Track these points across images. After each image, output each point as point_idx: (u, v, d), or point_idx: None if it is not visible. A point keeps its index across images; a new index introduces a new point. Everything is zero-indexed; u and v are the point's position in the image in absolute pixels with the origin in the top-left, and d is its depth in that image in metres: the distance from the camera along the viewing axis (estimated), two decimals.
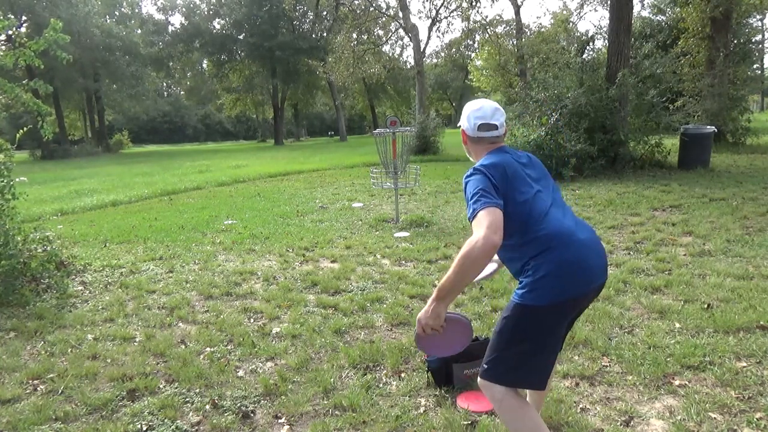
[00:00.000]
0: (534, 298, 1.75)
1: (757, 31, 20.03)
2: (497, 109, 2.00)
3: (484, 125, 1.97)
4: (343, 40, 22.20)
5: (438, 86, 56.22)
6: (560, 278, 1.74)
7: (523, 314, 1.78)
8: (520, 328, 1.78)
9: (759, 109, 41.02)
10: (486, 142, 2.00)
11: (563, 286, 1.75)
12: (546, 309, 1.75)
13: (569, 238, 1.79)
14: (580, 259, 1.78)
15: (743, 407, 2.40)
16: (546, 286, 1.74)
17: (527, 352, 1.79)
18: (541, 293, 1.74)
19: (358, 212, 7.91)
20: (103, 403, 2.71)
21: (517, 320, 1.79)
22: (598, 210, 6.96)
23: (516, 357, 1.80)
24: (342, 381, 2.87)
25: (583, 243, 1.81)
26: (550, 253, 1.76)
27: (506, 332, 1.81)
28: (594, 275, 1.81)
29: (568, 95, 10.14)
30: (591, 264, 1.81)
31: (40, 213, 9.06)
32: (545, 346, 1.81)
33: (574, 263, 1.76)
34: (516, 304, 1.79)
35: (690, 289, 3.86)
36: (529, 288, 1.76)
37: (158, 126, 63.93)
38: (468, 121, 2.00)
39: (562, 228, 1.81)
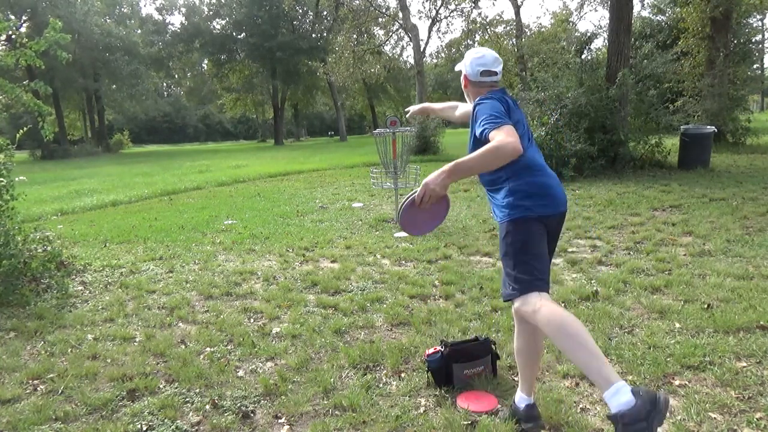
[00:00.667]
0: (520, 212, 2.08)
1: (757, 31, 20.03)
2: (497, 59, 2.26)
3: (486, 72, 2.23)
4: (343, 40, 22.22)
5: (438, 86, 56.21)
6: (536, 197, 2.09)
7: (515, 226, 2.09)
8: (519, 236, 2.08)
9: (759, 109, 41.00)
10: (486, 85, 2.25)
11: (540, 202, 2.09)
12: (530, 219, 2.08)
13: (542, 170, 2.15)
14: (550, 186, 2.13)
15: (743, 407, 2.40)
16: (526, 202, 2.07)
17: (532, 255, 2.07)
18: (524, 207, 2.07)
19: (358, 212, 7.91)
20: (103, 403, 2.71)
21: (514, 233, 2.09)
22: (598, 210, 6.96)
23: (529, 263, 2.06)
24: (342, 381, 2.87)
25: (551, 175, 2.17)
26: (528, 177, 2.10)
27: (512, 246, 2.10)
28: (561, 200, 2.15)
29: (568, 95, 10.14)
30: (558, 192, 2.16)
31: (40, 213, 9.06)
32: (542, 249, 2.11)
33: (546, 187, 2.12)
34: (508, 222, 2.11)
35: (690, 289, 3.86)
36: (513, 206, 2.09)
37: (159, 126, 63.95)
38: (471, 66, 2.25)
39: (538, 161, 2.17)
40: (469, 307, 3.77)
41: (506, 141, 1.86)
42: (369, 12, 22.78)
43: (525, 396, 2.32)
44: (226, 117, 59.79)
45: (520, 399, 2.34)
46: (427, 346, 3.06)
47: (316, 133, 66.26)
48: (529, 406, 2.30)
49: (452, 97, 60.58)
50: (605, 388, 1.77)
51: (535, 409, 2.31)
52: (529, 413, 2.29)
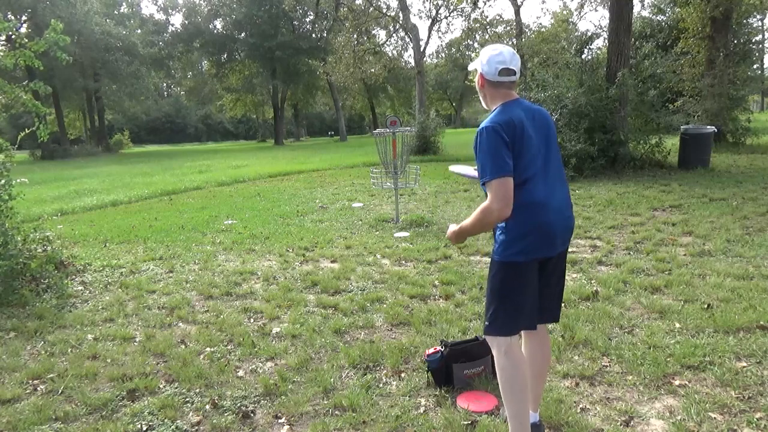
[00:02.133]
0: (509, 255, 2.02)
1: (757, 31, 20.06)
2: (514, 55, 2.07)
3: (504, 70, 2.03)
4: (343, 40, 22.21)
5: (438, 86, 56.22)
6: (529, 239, 2.00)
7: (502, 269, 2.05)
8: (505, 280, 2.05)
9: (759, 109, 41.00)
10: (504, 87, 2.06)
11: (532, 246, 2.01)
12: (520, 264, 2.02)
13: (543, 208, 2.01)
14: (549, 224, 2.01)
15: (743, 407, 2.40)
16: (517, 245, 2.00)
17: (515, 300, 2.05)
18: (515, 251, 2.01)
19: (358, 212, 7.91)
20: (103, 403, 2.71)
21: (498, 274, 2.06)
22: (598, 210, 6.96)
23: (509, 307, 2.05)
24: (342, 381, 2.86)
25: (553, 209, 2.03)
26: (527, 215, 1.98)
27: (495, 287, 2.08)
28: (558, 240, 2.07)
29: (568, 95, 10.14)
30: (556, 230, 2.04)
31: (40, 213, 9.06)
32: (528, 293, 2.07)
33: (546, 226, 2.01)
34: (495, 261, 2.07)
35: (690, 289, 3.86)
36: (505, 246, 2.03)
37: (159, 126, 63.95)
38: (489, 65, 2.04)
39: (538, 197, 2.00)
40: (469, 307, 3.77)
41: (490, 210, 1.91)
42: (369, 12, 22.78)
43: (531, 412, 2.27)
44: (227, 117, 59.74)
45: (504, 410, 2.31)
46: (427, 346, 3.06)
47: (316, 133, 66.25)
48: (536, 425, 2.25)
49: (452, 97, 60.59)
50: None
51: (541, 428, 2.27)
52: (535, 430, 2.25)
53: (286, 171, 14.90)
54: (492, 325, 2.10)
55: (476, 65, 2.09)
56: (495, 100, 2.07)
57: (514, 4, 23.98)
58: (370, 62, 23.00)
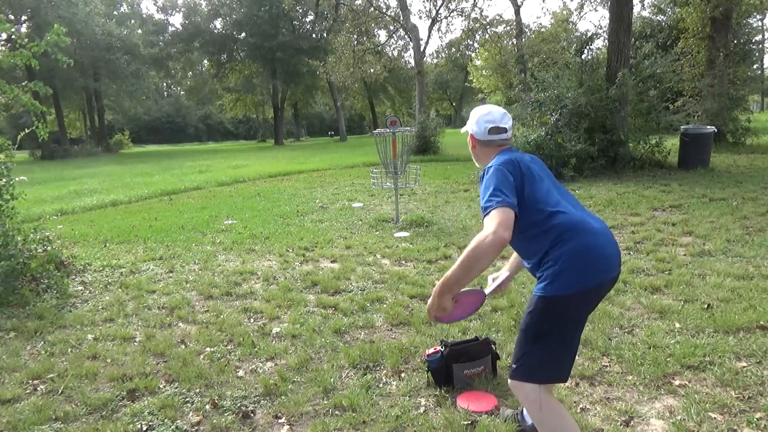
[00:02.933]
0: (557, 288, 1.77)
1: (757, 31, 20.05)
2: (505, 114, 2.07)
3: (494, 129, 2.04)
4: (343, 40, 22.21)
5: (438, 86, 56.24)
6: (581, 266, 1.77)
7: (547, 306, 1.80)
8: (547, 320, 1.80)
9: (759, 109, 41.00)
10: (495, 145, 2.06)
11: (585, 274, 1.77)
12: (569, 298, 1.77)
13: (584, 227, 1.82)
14: (598, 246, 1.81)
15: (743, 407, 2.40)
16: (568, 275, 1.76)
17: (555, 344, 1.82)
18: (564, 282, 1.76)
19: (358, 212, 7.91)
20: (103, 403, 2.71)
21: (542, 313, 1.81)
22: (598, 210, 6.96)
23: (546, 351, 1.82)
24: (342, 381, 2.87)
25: (598, 232, 1.84)
26: (569, 243, 1.78)
27: (533, 327, 1.83)
28: (612, 263, 1.84)
29: (568, 95, 10.14)
30: (608, 252, 1.83)
31: (40, 213, 9.06)
32: (572, 336, 1.85)
33: (593, 251, 1.79)
34: (539, 297, 1.81)
35: (690, 289, 3.86)
36: (551, 279, 1.78)
37: (160, 126, 63.94)
38: (478, 125, 2.06)
39: (576, 218, 1.84)
40: None
41: (483, 237, 1.68)
42: (369, 12, 22.78)
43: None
44: (227, 117, 59.74)
45: (527, 416, 2.30)
46: (427, 346, 3.06)
47: (316, 133, 66.24)
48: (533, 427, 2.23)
49: (452, 97, 60.65)
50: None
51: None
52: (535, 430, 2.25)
53: (286, 171, 14.91)
54: (524, 370, 1.85)
55: (467, 127, 2.11)
56: (488, 157, 2.03)
57: (514, 4, 24.00)
58: (370, 62, 23.01)
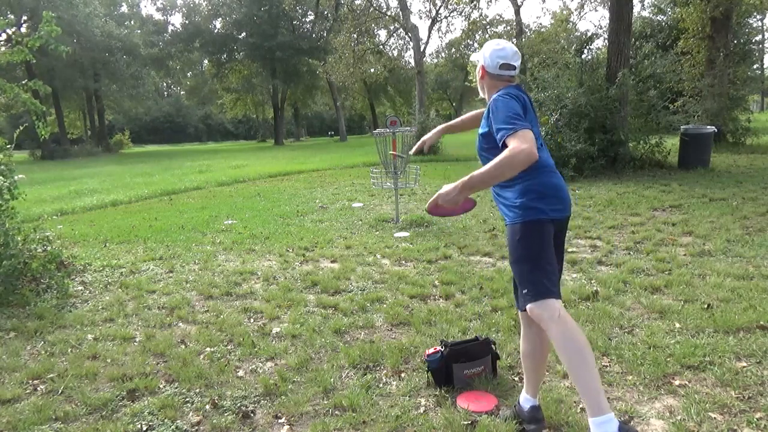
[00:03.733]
0: (533, 214, 2.03)
1: (757, 31, 20.07)
2: (516, 52, 2.19)
3: (505, 65, 2.16)
4: (343, 40, 22.22)
5: (438, 86, 56.22)
6: (551, 198, 2.07)
7: (530, 230, 2.04)
8: (532, 240, 2.04)
9: (759, 109, 41.00)
10: (504, 79, 2.19)
11: (554, 203, 2.07)
12: (545, 222, 2.04)
13: (553, 170, 2.13)
14: (562, 187, 2.13)
15: (743, 407, 2.40)
16: (539, 204, 2.04)
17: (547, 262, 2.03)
18: (538, 210, 2.03)
19: (358, 212, 7.91)
20: (103, 403, 2.71)
21: (525, 236, 2.04)
22: (598, 210, 6.96)
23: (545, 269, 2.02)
24: (342, 381, 2.86)
25: (561, 177, 2.16)
26: (543, 176, 2.07)
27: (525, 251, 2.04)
28: (569, 203, 2.16)
29: (568, 95, 10.14)
30: (567, 194, 2.15)
31: (40, 213, 9.06)
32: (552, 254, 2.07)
33: (559, 188, 2.11)
34: (521, 224, 2.05)
35: (690, 289, 3.86)
36: (525, 207, 2.04)
37: (160, 126, 63.96)
38: (491, 58, 2.17)
39: (550, 161, 2.15)
40: (469, 307, 3.77)
41: (520, 149, 1.83)
42: (369, 12, 22.79)
43: (530, 397, 2.31)
44: (227, 117, 59.74)
45: (525, 400, 2.33)
46: (427, 346, 3.06)
47: (316, 133, 66.23)
48: (534, 408, 2.30)
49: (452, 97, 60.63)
50: (595, 415, 1.85)
51: (539, 411, 2.30)
52: (533, 415, 2.28)
53: (286, 171, 14.91)
54: (532, 291, 2.00)
55: (479, 57, 2.22)
56: (493, 90, 2.17)
57: (514, 4, 24.00)
58: (370, 62, 23.02)
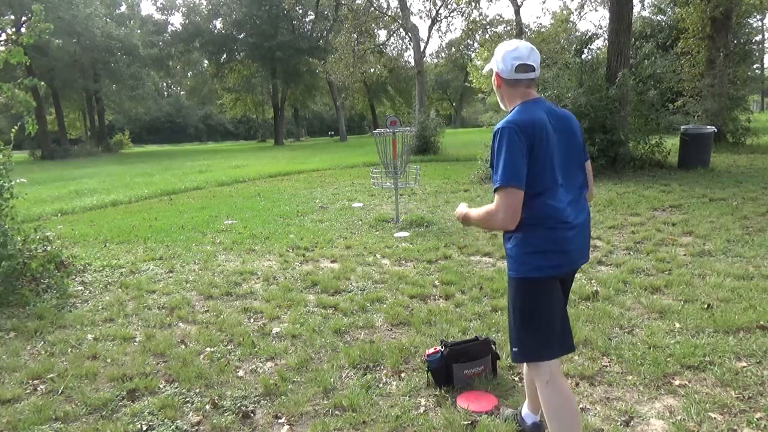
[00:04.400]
0: (527, 271, 1.86)
1: (757, 31, 20.04)
2: (533, 50, 1.92)
3: (521, 66, 1.89)
4: (343, 40, 22.21)
5: (438, 86, 56.23)
6: (551, 253, 1.85)
7: (522, 287, 1.89)
8: (527, 301, 1.88)
9: (759, 109, 40.98)
10: (523, 85, 1.92)
11: (554, 260, 1.86)
12: (537, 281, 1.87)
13: (561, 219, 1.85)
14: (569, 239, 1.87)
15: (743, 407, 2.40)
16: (532, 259, 1.85)
17: (543, 320, 1.88)
18: (532, 266, 1.85)
19: (358, 212, 7.91)
20: (103, 403, 2.71)
21: (521, 295, 1.89)
22: (598, 210, 6.96)
23: (537, 329, 1.88)
24: (342, 381, 2.86)
25: (574, 226, 1.89)
26: (543, 229, 1.84)
27: (518, 311, 1.91)
28: (577, 257, 1.93)
29: (568, 95, 10.13)
30: (574, 247, 1.90)
31: (40, 213, 9.06)
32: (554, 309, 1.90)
33: (563, 242, 1.86)
34: (513, 279, 1.92)
35: (690, 289, 3.86)
36: (520, 262, 1.87)
37: (160, 126, 63.96)
38: (504, 62, 1.91)
39: (558, 207, 1.85)
40: (469, 307, 3.77)
41: (495, 215, 1.81)
42: (369, 12, 22.78)
43: (531, 414, 2.28)
44: (227, 117, 59.74)
45: (527, 415, 2.30)
46: (427, 346, 3.06)
47: (316, 133, 66.22)
48: (536, 425, 2.26)
49: (452, 97, 60.59)
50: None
51: (541, 427, 2.26)
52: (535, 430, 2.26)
53: (286, 171, 14.90)
54: (520, 352, 1.92)
55: (492, 65, 1.98)
56: (513, 100, 1.93)
57: (514, 4, 23.95)
58: (370, 62, 23.02)
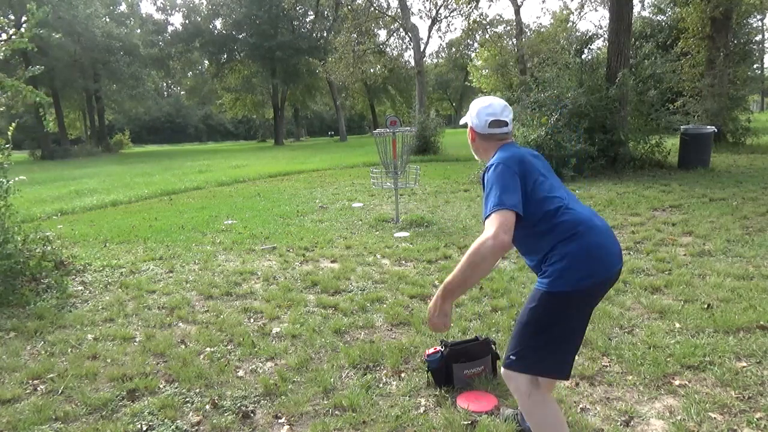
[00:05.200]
0: (563, 284, 1.76)
1: (757, 31, 20.02)
2: (506, 107, 2.02)
3: (495, 122, 1.99)
4: (343, 40, 22.21)
5: (438, 86, 56.25)
6: (587, 262, 1.77)
7: (551, 301, 1.79)
8: (549, 315, 1.79)
9: (759, 109, 40.99)
10: (496, 138, 2.01)
11: (590, 269, 1.77)
12: (574, 294, 1.77)
13: (590, 224, 1.83)
14: (603, 243, 1.82)
15: (743, 407, 2.40)
16: (574, 270, 1.76)
17: (556, 339, 1.80)
18: (570, 278, 1.76)
19: (358, 212, 7.91)
20: (103, 403, 2.71)
21: (545, 308, 1.79)
22: (598, 210, 6.96)
23: (545, 346, 1.81)
24: (342, 381, 2.86)
25: (603, 230, 1.86)
26: (577, 239, 1.78)
27: (534, 322, 1.82)
28: (615, 259, 1.85)
29: (568, 95, 10.14)
30: (612, 249, 1.85)
31: (40, 213, 9.06)
32: (574, 332, 1.83)
33: (599, 247, 1.80)
34: (545, 292, 1.79)
35: (690, 289, 3.86)
36: (557, 275, 1.77)
37: (160, 126, 64.00)
38: (478, 118, 2.01)
39: (583, 215, 1.85)
40: (469, 307, 3.77)
41: (483, 240, 1.68)
42: (369, 12, 22.78)
43: None
44: (227, 117, 59.77)
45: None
46: (427, 346, 3.06)
47: (316, 133, 66.24)
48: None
49: (452, 97, 60.65)
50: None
51: None
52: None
53: (286, 171, 14.90)
54: (517, 362, 1.84)
55: (467, 119, 2.07)
56: (488, 152, 2.01)
57: (514, 4, 23.96)
58: (370, 62, 23.02)
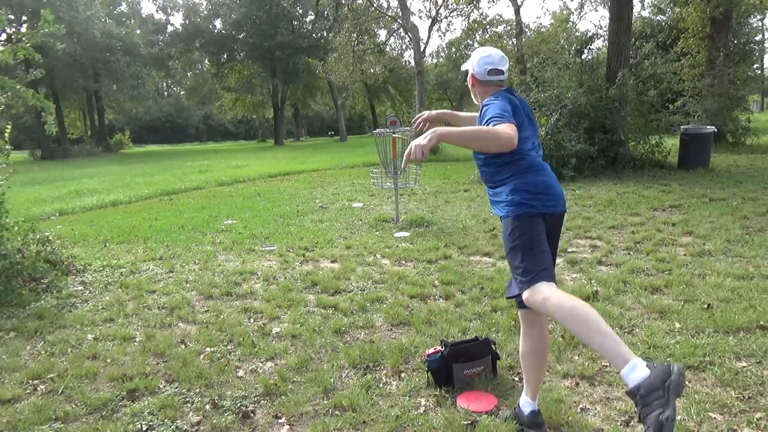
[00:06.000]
0: (524, 208, 2.11)
1: (757, 31, 20.03)
2: (503, 57, 2.28)
3: (493, 70, 2.25)
4: (343, 40, 22.20)
5: (438, 86, 56.20)
6: (542, 195, 2.13)
7: (519, 221, 2.11)
8: (525, 232, 2.10)
9: (759, 109, 40.99)
10: (494, 84, 2.27)
11: (545, 200, 2.14)
12: (535, 215, 2.11)
13: (544, 170, 2.21)
14: (553, 184, 2.20)
15: (743, 407, 2.40)
16: (529, 199, 2.12)
17: (537, 249, 2.09)
18: (528, 205, 2.11)
19: (358, 212, 7.91)
20: (103, 403, 2.71)
21: (519, 228, 2.11)
22: (598, 210, 6.96)
23: (536, 257, 2.08)
24: (342, 381, 2.86)
25: (553, 176, 2.23)
26: (533, 176, 2.15)
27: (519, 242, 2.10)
28: (561, 200, 2.21)
29: (568, 95, 10.14)
30: (559, 191, 2.21)
31: (40, 213, 9.06)
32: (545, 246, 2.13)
33: (550, 186, 2.17)
34: (513, 217, 2.12)
35: (690, 289, 3.86)
36: (516, 203, 2.12)
37: (160, 126, 64.01)
38: (478, 66, 2.27)
39: (541, 162, 2.23)
40: (469, 307, 3.77)
41: (506, 132, 1.91)
42: (369, 12, 22.76)
43: (530, 401, 2.31)
44: (227, 117, 59.76)
45: (525, 403, 2.32)
46: (427, 346, 3.06)
47: (316, 133, 66.23)
48: (534, 413, 2.29)
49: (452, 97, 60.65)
50: (621, 366, 1.77)
51: (539, 416, 2.29)
52: (533, 420, 2.28)
53: (286, 171, 14.91)
54: (525, 277, 2.06)
55: (468, 66, 2.32)
56: (485, 96, 2.24)
57: (514, 4, 23.95)
58: (370, 62, 23.01)
